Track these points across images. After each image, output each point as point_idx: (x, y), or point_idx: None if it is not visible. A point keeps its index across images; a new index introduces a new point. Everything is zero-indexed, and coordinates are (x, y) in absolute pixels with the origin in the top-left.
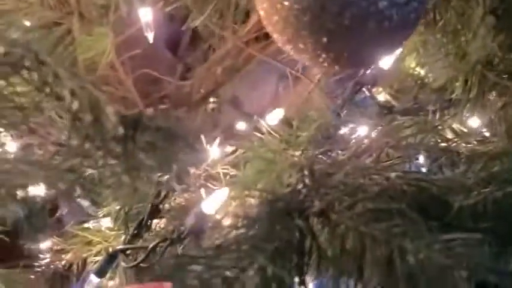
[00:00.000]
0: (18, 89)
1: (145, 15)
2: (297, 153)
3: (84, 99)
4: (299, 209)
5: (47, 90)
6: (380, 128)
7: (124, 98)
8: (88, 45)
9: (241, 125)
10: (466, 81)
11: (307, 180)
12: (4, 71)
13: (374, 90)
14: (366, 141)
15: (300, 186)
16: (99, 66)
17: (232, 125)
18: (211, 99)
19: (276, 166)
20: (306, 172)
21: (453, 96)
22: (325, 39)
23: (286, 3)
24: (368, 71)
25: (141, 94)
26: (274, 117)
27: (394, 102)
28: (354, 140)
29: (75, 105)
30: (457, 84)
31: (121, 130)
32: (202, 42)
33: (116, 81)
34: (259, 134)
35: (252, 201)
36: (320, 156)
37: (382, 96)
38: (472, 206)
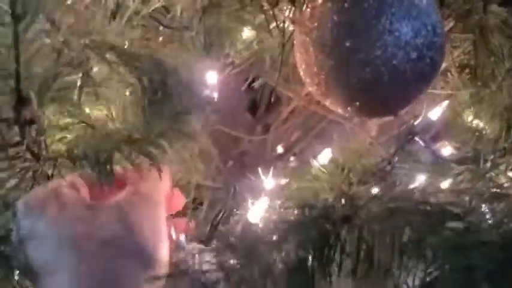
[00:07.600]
0: None
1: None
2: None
3: None
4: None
5: None
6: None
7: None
8: None
9: None
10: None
11: (343, 201)
12: None
13: (439, 144)
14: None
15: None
16: None
17: None
18: (291, 158)
19: (317, 184)
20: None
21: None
22: (349, 92)
23: (317, 64)
24: (418, 121)
25: (220, 150)
26: (324, 157)
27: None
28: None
29: None
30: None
31: None
32: (280, 103)
33: None
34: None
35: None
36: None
37: (447, 150)
38: None
